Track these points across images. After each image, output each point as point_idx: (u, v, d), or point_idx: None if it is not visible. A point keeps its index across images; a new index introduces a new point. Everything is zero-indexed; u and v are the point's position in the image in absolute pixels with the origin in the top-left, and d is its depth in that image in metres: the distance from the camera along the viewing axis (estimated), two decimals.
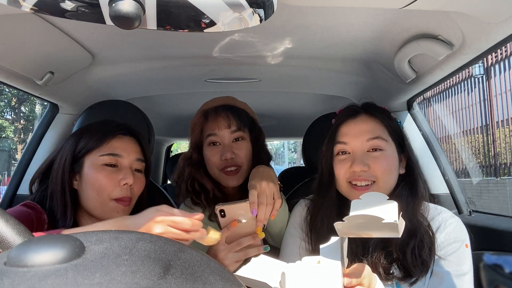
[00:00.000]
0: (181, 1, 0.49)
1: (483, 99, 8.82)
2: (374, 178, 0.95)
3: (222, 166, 1.20)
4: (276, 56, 1.33)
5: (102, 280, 0.25)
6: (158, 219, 0.78)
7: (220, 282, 0.29)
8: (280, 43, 1.22)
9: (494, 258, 1.17)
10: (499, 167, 8.41)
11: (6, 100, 16.07)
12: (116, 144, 1.04)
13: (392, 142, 0.99)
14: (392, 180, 0.97)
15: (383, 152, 0.96)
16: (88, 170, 1.00)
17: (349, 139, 0.98)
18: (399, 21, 1.01)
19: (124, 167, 1.03)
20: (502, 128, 8.27)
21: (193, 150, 1.27)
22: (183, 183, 1.26)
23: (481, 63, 8.53)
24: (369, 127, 0.98)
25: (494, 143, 8.52)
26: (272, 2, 0.53)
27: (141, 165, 1.08)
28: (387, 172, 0.95)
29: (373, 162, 0.95)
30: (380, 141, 0.96)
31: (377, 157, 0.95)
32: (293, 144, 25.46)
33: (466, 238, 0.96)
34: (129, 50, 1.28)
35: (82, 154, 1.02)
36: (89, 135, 1.05)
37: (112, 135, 1.05)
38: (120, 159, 1.03)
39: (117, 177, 1.00)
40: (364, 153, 0.97)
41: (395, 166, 0.97)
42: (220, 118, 1.21)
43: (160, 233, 0.77)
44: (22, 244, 0.28)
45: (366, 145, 0.97)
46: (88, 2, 0.49)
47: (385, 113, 1.04)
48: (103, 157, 1.01)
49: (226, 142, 1.21)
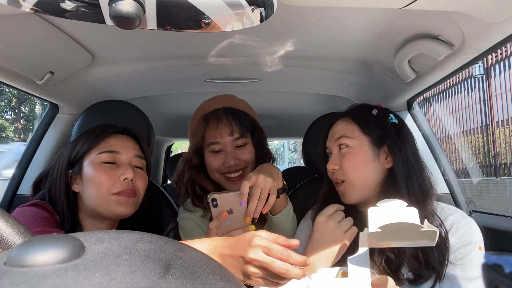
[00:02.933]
0: (181, 1, 0.49)
1: (483, 99, 8.81)
2: (344, 176, 1.01)
3: (224, 170, 1.19)
4: (276, 56, 1.33)
5: (102, 280, 0.25)
6: (255, 243, 0.66)
7: (220, 282, 0.29)
8: (280, 43, 1.22)
9: (494, 258, 1.17)
10: (499, 167, 8.41)
11: (6, 100, 16.07)
12: (113, 141, 1.05)
13: (363, 137, 1.01)
14: (363, 175, 1.00)
15: (349, 148, 1.02)
16: (87, 170, 1.01)
17: (328, 142, 1.09)
18: (399, 21, 1.01)
19: (123, 164, 1.03)
20: (502, 128, 8.27)
21: (193, 154, 1.25)
22: (183, 186, 1.26)
23: (481, 63, 8.52)
24: (338, 128, 1.06)
25: (494, 143, 8.52)
26: (272, 2, 0.53)
27: (140, 162, 1.08)
28: (353, 167, 1.00)
29: (341, 159, 1.02)
30: (344, 139, 1.03)
31: (343, 154, 1.02)
32: (293, 144, 25.44)
33: (479, 241, 0.94)
34: (129, 50, 1.28)
35: (80, 156, 1.03)
36: (85, 137, 1.05)
37: (108, 133, 1.06)
38: (118, 155, 1.03)
39: (116, 173, 1.00)
40: (337, 153, 1.04)
41: (363, 160, 1.00)
42: (222, 125, 1.18)
43: (257, 260, 0.65)
44: (22, 244, 0.28)
45: (335, 145, 1.04)
46: (88, 2, 0.49)
47: (362, 110, 1.07)
48: (101, 155, 1.01)
49: (229, 149, 1.19)
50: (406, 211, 0.70)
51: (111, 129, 1.08)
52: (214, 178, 1.23)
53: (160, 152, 3.22)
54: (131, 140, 1.10)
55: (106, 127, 1.09)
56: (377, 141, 1.01)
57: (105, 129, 1.08)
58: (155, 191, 1.50)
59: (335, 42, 1.21)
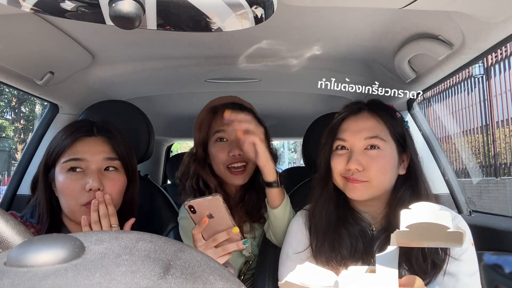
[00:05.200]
0: (181, 1, 0.49)
1: (483, 99, 8.81)
2: (367, 178, 0.95)
3: (228, 162, 1.20)
4: (276, 56, 1.33)
5: (102, 280, 0.25)
6: None
7: (220, 282, 0.29)
8: (280, 43, 1.22)
9: (494, 258, 1.17)
10: (499, 167, 8.41)
11: (6, 100, 16.07)
12: (78, 147, 0.99)
13: (393, 141, 0.99)
14: (387, 180, 0.98)
15: (380, 151, 0.96)
16: (57, 177, 0.98)
17: (348, 136, 0.99)
18: (399, 21, 1.01)
19: (91, 171, 0.98)
20: (502, 128, 8.27)
21: (198, 147, 1.27)
22: (188, 180, 1.26)
23: (481, 63, 8.52)
24: (369, 125, 0.99)
25: (494, 143, 8.52)
26: (272, 2, 0.53)
27: (113, 163, 1.02)
28: (381, 172, 0.95)
29: (368, 160, 0.96)
30: (378, 140, 0.97)
31: (373, 156, 0.96)
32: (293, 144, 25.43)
33: (471, 237, 0.96)
34: (129, 50, 1.28)
35: (53, 161, 1.00)
36: (57, 139, 1.02)
37: (74, 138, 1.00)
38: (84, 162, 0.98)
39: (82, 182, 0.96)
40: (361, 151, 0.97)
41: (391, 166, 0.97)
42: None
43: None
44: (22, 244, 0.28)
45: (363, 143, 0.97)
46: (88, 2, 0.49)
47: (389, 111, 1.03)
48: (67, 163, 0.97)
49: (233, 138, 1.21)
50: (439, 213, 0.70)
51: (78, 133, 1.01)
52: (219, 171, 1.24)
53: (160, 152, 3.22)
54: (101, 141, 1.02)
55: (74, 128, 1.03)
56: (400, 146, 1.00)
57: (72, 132, 1.01)
58: (155, 191, 1.50)
59: (335, 42, 1.21)
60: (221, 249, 0.95)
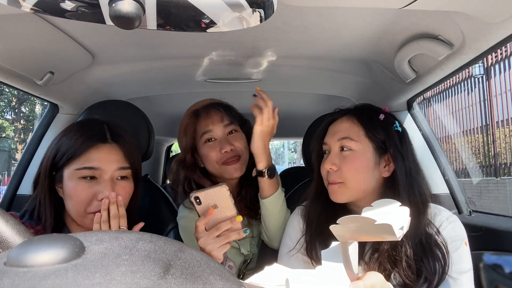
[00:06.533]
0: (181, 1, 0.49)
1: (483, 99, 8.81)
2: (341, 179, 0.98)
3: (222, 159, 1.21)
4: (276, 56, 1.33)
5: (102, 280, 0.25)
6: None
7: (220, 282, 0.29)
8: (280, 43, 1.22)
9: (494, 258, 1.17)
10: (499, 167, 8.41)
11: (6, 100, 16.07)
12: (93, 155, 0.97)
13: (368, 143, 0.99)
14: (362, 180, 0.98)
15: (352, 152, 0.98)
16: (67, 183, 0.97)
17: (327, 139, 1.04)
18: (399, 21, 1.01)
19: (104, 180, 0.97)
20: (502, 128, 8.27)
21: (186, 153, 1.27)
22: (180, 186, 1.26)
23: (481, 63, 8.53)
24: (343, 127, 1.02)
25: (494, 143, 8.52)
26: (272, 2, 0.53)
27: (125, 172, 1.02)
28: (354, 172, 0.97)
29: (342, 160, 0.99)
30: (348, 141, 0.99)
31: (346, 156, 0.99)
32: (293, 144, 25.46)
33: (465, 237, 0.97)
34: (129, 50, 1.28)
35: (62, 164, 0.98)
36: (67, 142, 0.99)
37: (89, 145, 0.98)
38: (98, 171, 0.97)
39: (94, 191, 0.96)
40: (337, 153, 1.00)
41: (365, 167, 0.98)
42: (212, 113, 1.24)
43: None
44: (22, 244, 0.28)
45: (337, 144, 1.01)
46: (88, 2, 0.49)
47: (371, 114, 1.03)
48: (80, 171, 0.96)
49: (221, 136, 1.23)
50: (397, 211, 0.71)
51: (93, 139, 0.99)
52: (215, 170, 1.24)
53: (160, 152, 3.22)
54: (115, 149, 1.01)
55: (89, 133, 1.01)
56: (380, 148, 0.99)
57: (87, 137, 0.99)
58: (155, 191, 1.50)
59: (335, 42, 1.21)
60: (223, 237, 0.95)
